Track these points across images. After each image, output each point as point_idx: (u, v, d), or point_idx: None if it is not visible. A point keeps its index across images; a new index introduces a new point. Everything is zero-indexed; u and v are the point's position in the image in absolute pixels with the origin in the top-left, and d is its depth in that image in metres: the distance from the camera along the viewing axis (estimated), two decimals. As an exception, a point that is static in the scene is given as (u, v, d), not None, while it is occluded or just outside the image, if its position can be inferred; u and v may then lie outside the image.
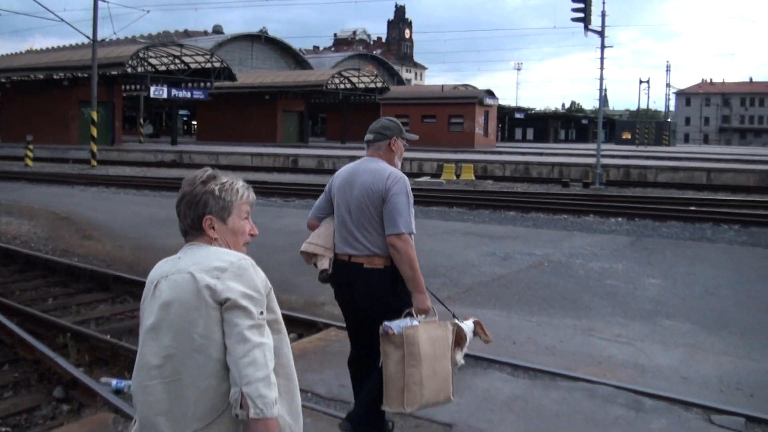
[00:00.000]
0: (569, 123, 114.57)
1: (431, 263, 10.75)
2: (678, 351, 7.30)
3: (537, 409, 5.55)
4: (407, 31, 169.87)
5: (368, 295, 4.51)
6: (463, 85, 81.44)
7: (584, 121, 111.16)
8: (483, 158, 37.84)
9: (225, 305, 2.40)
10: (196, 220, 2.61)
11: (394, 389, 4.28)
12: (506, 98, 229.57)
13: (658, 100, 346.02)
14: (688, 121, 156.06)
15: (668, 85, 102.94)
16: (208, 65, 57.10)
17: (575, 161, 36.16)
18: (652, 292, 9.91)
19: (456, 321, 4.60)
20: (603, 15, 29.91)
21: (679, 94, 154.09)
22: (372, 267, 4.46)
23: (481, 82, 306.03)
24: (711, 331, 8.08)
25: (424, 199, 20.42)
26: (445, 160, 34.94)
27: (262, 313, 2.44)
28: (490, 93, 63.34)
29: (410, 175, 26.04)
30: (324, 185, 4.85)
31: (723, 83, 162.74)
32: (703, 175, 31.59)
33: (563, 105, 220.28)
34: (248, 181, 2.77)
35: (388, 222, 4.38)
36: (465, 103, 61.27)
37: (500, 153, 48.03)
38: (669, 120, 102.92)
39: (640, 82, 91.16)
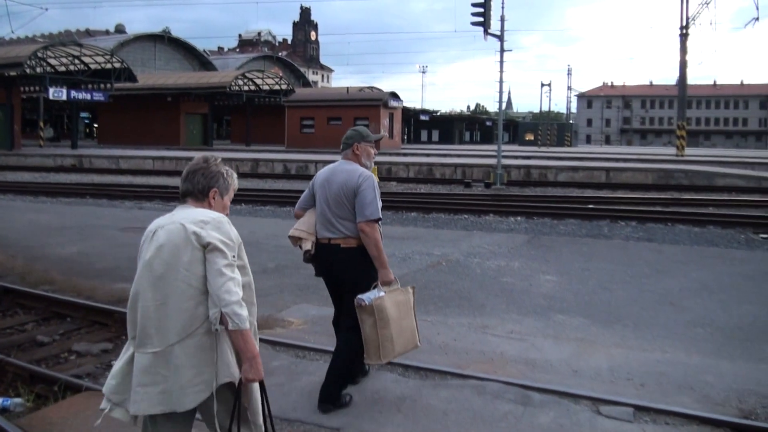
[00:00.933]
0: (474, 125, 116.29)
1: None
2: (570, 345, 7.43)
3: (425, 408, 5.57)
4: (313, 33, 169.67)
5: (345, 268, 5.50)
6: (368, 87, 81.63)
7: (488, 123, 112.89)
8: (388, 160, 37.82)
9: (207, 248, 3.29)
10: (207, 188, 3.55)
11: (372, 347, 5.32)
12: (412, 100, 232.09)
13: (560, 103, 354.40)
14: (590, 122, 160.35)
15: (570, 88, 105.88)
16: (109, 66, 55.47)
17: (478, 162, 36.51)
18: (546, 288, 10.10)
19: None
20: (502, 20, 30.43)
21: (581, 96, 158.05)
22: (347, 246, 5.45)
23: (387, 85, 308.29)
24: (603, 324, 8.27)
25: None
26: (350, 162, 34.70)
27: (234, 256, 3.35)
28: (394, 95, 63.61)
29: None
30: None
31: (624, 86, 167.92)
32: (602, 174, 32.43)
33: (468, 107, 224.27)
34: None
35: (359, 211, 5.37)
36: (370, 105, 61.32)
37: (405, 155, 48.27)
38: (571, 122, 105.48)
39: (542, 85, 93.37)
